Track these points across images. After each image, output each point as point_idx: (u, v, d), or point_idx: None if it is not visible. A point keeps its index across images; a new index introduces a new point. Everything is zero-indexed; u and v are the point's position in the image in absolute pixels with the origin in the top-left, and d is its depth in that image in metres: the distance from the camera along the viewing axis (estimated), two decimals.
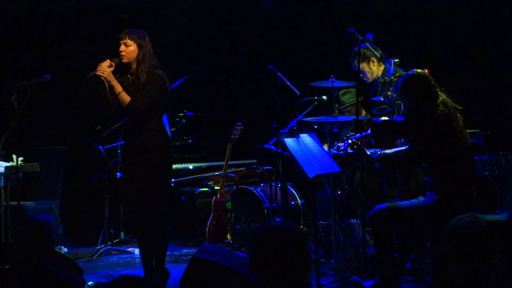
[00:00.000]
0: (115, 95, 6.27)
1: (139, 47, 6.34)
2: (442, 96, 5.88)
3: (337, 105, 7.62)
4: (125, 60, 6.35)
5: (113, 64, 6.30)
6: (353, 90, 8.24)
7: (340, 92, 8.16)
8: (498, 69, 9.05)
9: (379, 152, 6.29)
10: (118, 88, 6.25)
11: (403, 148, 6.31)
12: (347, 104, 8.25)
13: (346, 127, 8.04)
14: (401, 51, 8.06)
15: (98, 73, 6.22)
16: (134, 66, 6.39)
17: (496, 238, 3.62)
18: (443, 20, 9.35)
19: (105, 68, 6.24)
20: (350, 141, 6.22)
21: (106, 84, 6.26)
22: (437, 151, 5.72)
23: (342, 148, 6.50)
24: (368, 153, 6.16)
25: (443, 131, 5.73)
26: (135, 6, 10.56)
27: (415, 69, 5.99)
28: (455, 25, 9.26)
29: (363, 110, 8.45)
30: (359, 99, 8.24)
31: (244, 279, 4.64)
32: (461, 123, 5.87)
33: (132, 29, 6.44)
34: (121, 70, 6.44)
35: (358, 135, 6.29)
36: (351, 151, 6.39)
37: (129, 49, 6.34)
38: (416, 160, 5.87)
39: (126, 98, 6.26)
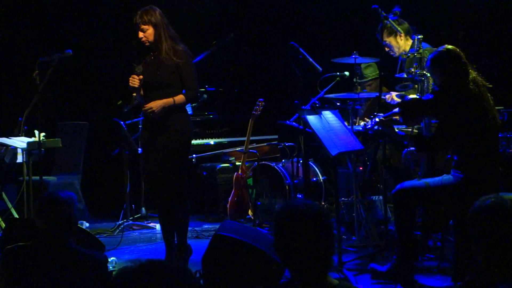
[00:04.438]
0: (173, 106, 6.36)
1: (155, 26, 6.35)
2: (473, 74, 5.68)
3: (357, 78, 7.57)
4: (147, 44, 6.40)
5: (141, 76, 6.36)
6: (375, 65, 8.19)
7: (362, 65, 8.09)
8: None
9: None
10: (170, 101, 6.34)
11: None
12: (369, 78, 8.19)
13: (364, 103, 7.99)
14: (427, 27, 7.98)
15: (135, 94, 6.36)
16: (154, 44, 6.41)
17: None
18: None
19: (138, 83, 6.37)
20: (377, 119, 6.15)
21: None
22: (465, 130, 5.58)
23: (369, 126, 6.45)
24: (396, 130, 6.07)
25: (472, 110, 5.57)
26: None
27: (446, 45, 5.82)
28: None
29: (383, 87, 8.40)
30: (381, 75, 8.21)
31: (267, 257, 4.64)
32: (491, 102, 5.70)
33: (141, 10, 6.41)
34: (142, 50, 6.46)
35: (385, 114, 6.23)
36: (377, 127, 6.33)
37: (147, 33, 6.37)
38: (445, 140, 5.74)
39: (181, 99, 6.40)
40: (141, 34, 6.37)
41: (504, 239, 3.48)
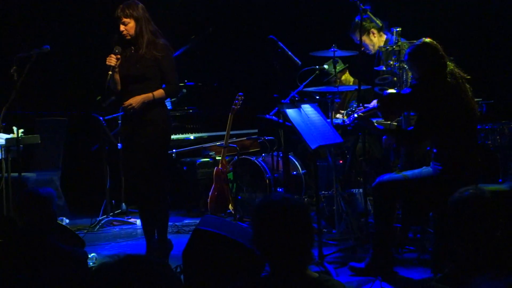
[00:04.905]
0: (152, 101, 6.34)
1: (136, 20, 6.34)
2: (450, 66, 5.71)
3: (324, 77, 7.62)
4: (128, 38, 6.37)
5: (119, 56, 6.33)
6: (338, 60, 8.24)
7: (326, 63, 8.14)
8: (501, 37, 9.00)
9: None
10: (149, 96, 6.32)
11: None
12: (336, 72, 8.22)
13: (340, 96, 8.01)
14: (403, 20, 8.00)
15: (110, 72, 6.29)
16: (135, 38, 6.40)
17: (499, 211, 3.60)
18: None
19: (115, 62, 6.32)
20: (356, 115, 6.17)
21: (116, 71, 6.37)
22: (444, 122, 5.60)
23: (348, 122, 6.46)
24: (376, 125, 6.08)
25: (451, 102, 5.60)
26: None
27: (423, 39, 5.84)
28: None
29: (352, 79, 8.45)
30: (343, 67, 8.26)
31: (248, 251, 4.64)
32: (469, 93, 5.72)
33: (124, 3, 6.40)
34: (123, 43, 6.43)
35: (364, 109, 6.25)
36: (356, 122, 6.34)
37: (128, 26, 6.35)
38: (424, 133, 5.76)
39: (161, 94, 6.40)
40: (122, 27, 6.36)
41: (483, 230, 3.50)
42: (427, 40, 5.81)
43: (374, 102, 6.48)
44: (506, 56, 8.94)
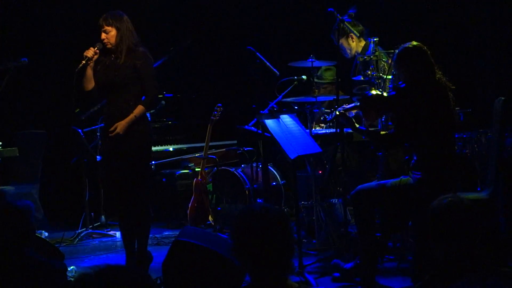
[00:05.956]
0: (135, 120, 6.33)
1: (118, 29, 6.34)
2: (438, 74, 5.68)
3: (315, 78, 7.61)
4: (109, 46, 6.36)
5: (98, 51, 6.33)
6: (335, 69, 8.23)
7: (323, 68, 8.14)
8: (478, 46, 9.06)
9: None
10: (131, 118, 6.30)
11: None
12: (326, 81, 8.23)
13: (318, 106, 8.03)
14: (382, 28, 8.03)
15: (84, 61, 6.25)
16: (115, 47, 6.40)
17: (478, 219, 3.62)
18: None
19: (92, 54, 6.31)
20: (337, 112, 6.14)
21: (91, 66, 6.36)
22: (425, 129, 5.58)
23: (329, 119, 6.45)
24: (357, 125, 6.04)
25: (433, 110, 5.59)
26: None
27: (413, 41, 5.78)
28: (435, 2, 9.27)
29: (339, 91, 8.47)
30: (338, 80, 8.28)
31: (228, 262, 4.63)
32: (452, 103, 5.73)
33: (108, 13, 6.41)
34: (104, 51, 6.43)
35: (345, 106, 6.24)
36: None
37: (110, 34, 6.35)
38: (403, 137, 5.73)
39: (141, 110, 6.37)
40: (103, 35, 6.36)
41: (462, 238, 3.52)
42: (416, 43, 5.79)
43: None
44: (483, 64, 8.99)
